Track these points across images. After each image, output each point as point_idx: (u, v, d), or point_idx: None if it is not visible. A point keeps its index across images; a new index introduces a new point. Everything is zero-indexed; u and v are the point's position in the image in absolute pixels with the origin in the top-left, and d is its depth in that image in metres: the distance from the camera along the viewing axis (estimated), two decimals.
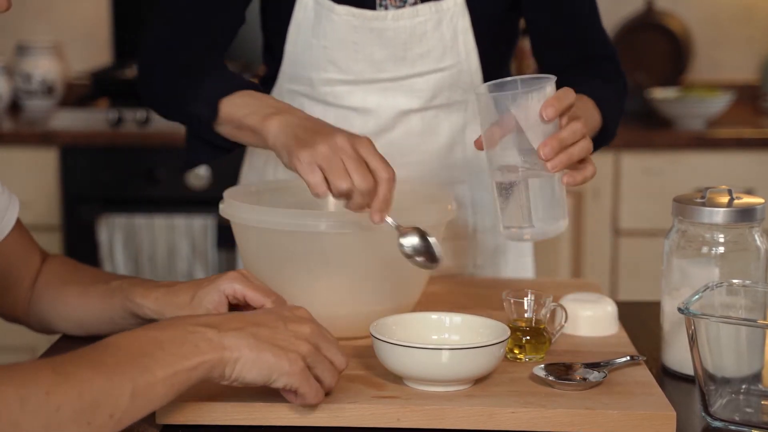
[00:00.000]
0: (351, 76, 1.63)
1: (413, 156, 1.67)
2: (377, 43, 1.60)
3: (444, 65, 1.63)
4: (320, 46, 1.61)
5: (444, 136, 1.68)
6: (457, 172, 1.71)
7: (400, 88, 1.64)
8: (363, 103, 1.65)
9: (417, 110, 1.65)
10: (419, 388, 1.17)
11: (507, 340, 1.19)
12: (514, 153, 1.24)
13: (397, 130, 1.66)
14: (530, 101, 1.21)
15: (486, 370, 1.18)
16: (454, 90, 1.65)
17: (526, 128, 1.22)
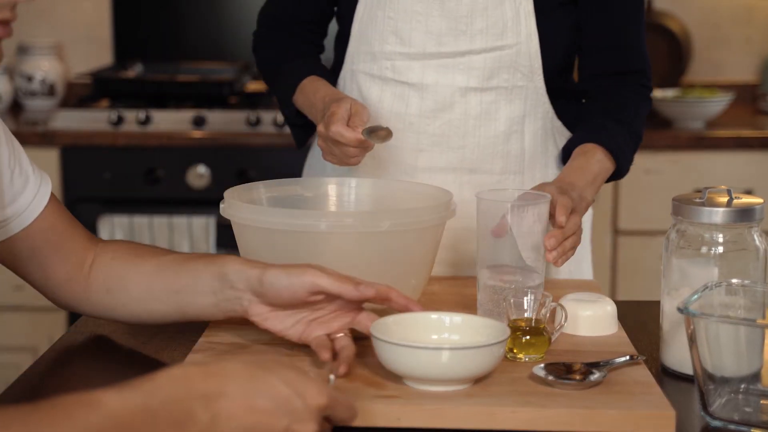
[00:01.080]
0: (412, 48, 1.68)
1: (470, 139, 1.70)
2: (439, 14, 1.66)
3: (503, 43, 1.67)
4: (386, 17, 1.69)
5: (502, 122, 1.71)
6: (512, 163, 1.73)
7: (458, 66, 1.68)
8: (421, 79, 1.69)
9: (475, 90, 1.68)
10: (419, 388, 1.17)
11: (507, 339, 1.19)
12: (504, 255, 1.37)
13: (455, 111, 1.70)
14: (525, 213, 1.36)
15: (486, 369, 1.18)
16: (513, 73, 1.68)
17: (518, 236, 1.35)
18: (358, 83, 1.74)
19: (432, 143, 1.71)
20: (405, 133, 1.71)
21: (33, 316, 2.86)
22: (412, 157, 1.72)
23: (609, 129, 1.67)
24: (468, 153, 1.71)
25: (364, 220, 1.30)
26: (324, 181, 1.55)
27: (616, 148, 1.66)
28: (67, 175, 2.91)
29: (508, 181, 1.73)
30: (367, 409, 1.12)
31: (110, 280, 1.35)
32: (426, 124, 1.70)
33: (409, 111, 1.70)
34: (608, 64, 1.73)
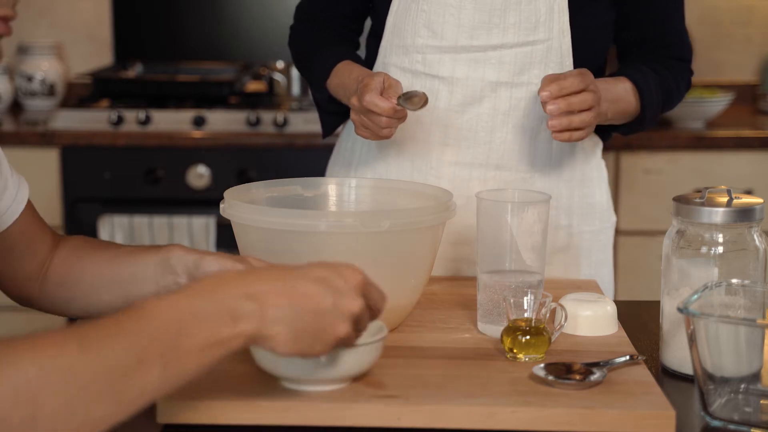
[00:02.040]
0: (445, 41, 1.68)
1: (497, 134, 1.70)
2: (473, 6, 1.67)
3: (535, 38, 1.67)
4: (419, 10, 1.69)
5: (532, 119, 1.70)
6: (539, 162, 1.73)
7: (490, 60, 1.68)
8: (452, 72, 1.69)
9: (505, 85, 1.68)
10: (297, 388, 1.16)
11: (384, 338, 1.18)
12: (504, 256, 1.37)
13: (484, 105, 1.70)
14: (525, 213, 1.35)
15: (364, 368, 1.17)
16: (544, 69, 1.68)
17: (518, 236, 1.35)
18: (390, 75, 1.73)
19: (459, 137, 1.71)
20: (432, 127, 1.71)
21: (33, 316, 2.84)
22: (438, 150, 1.72)
23: (644, 72, 1.68)
24: (495, 148, 1.70)
25: (364, 220, 1.30)
26: (324, 181, 1.55)
27: (645, 88, 1.66)
28: (67, 175, 2.91)
29: (534, 180, 1.72)
30: (367, 409, 1.12)
31: (64, 273, 1.37)
32: (454, 118, 1.70)
33: (438, 104, 1.70)
34: (653, 56, 1.73)
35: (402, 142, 1.73)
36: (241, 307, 0.98)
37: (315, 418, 1.12)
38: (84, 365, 0.88)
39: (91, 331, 0.91)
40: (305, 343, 1.02)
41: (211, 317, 0.96)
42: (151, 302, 0.96)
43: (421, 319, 1.43)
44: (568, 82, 1.51)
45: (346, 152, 1.84)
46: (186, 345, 0.94)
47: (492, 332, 1.36)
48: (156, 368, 0.92)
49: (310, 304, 1.02)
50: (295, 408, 1.12)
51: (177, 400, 1.12)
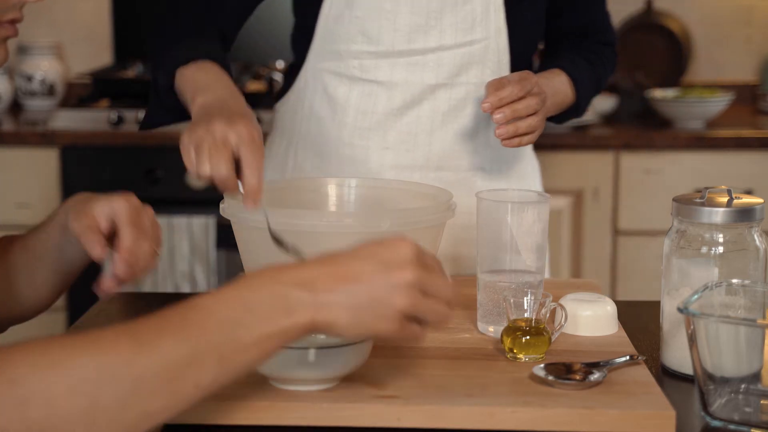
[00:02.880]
0: (381, 47, 1.66)
1: (438, 134, 1.70)
2: (409, 11, 1.65)
3: (473, 38, 1.67)
4: (353, 17, 1.66)
5: (470, 119, 1.71)
6: (478, 160, 1.73)
7: (428, 63, 1.67)
8: (390, 77, 1.68)
9: (444, 87, 1.68)
10: (286, 388, 1.16)
11: None
12: (504, 255, 1.36)
13: (423, 106, 1.69)
14: (525, 213, 1.35)
15: (353, 367, 1.17)
16: (481, 69, 1.68)
17: (518, 236, 1.35)
18: (324, 82, 1.71)
19: (399, 141, 1.70)
20: (371, 132, 1.70)
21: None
22: (378, 155, 1.70)
23: (577, 63, 1.73)
24: (435, 150, 1.70)
25: (364, 220, 1.30)
26: (324, 181, 1.55)
27: (579, 79, 1.71)
28: (67, 175, 2.91)
29: (475, 179, 1.73)
30: (367, 409, 1.12)
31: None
32: (393, 122, 1.69)
33: (376, 109, 1.69)
34: (582, 44, 1.78)
35: (340, 149, 1.71)
36: (294, 296, 0.97)
37: (315, 418, 1.12)
38: (138, 361, 0.89)
39: (143, 327, 0.92)
40: (368, 322, 0.99)
41: (264, 309, 0.95)
42: (203, 298, 0.96)
43: None
44: (506, 91, 1.52)
45: (278, 157, 1.79)
46: (241, 339, 0.94)
47: (492, 332, 1.36)
48: (211, 363, 0.92)
49: (361, 281, 0.99)
50: (295, 408, 1.12)
51: None
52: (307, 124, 1.74)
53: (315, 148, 1.74)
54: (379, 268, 0.99)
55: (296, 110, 1.76)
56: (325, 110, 1.72)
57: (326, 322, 0.98)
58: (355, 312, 0.98)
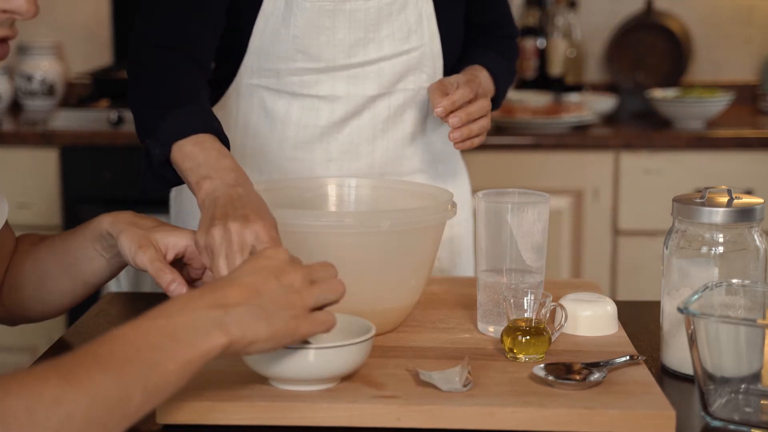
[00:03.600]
0: (321, 63, 1.65)
1: (379, 142, 1.72)
2: (347, 26, 1.64)
3: (409, 47, 1.68)
4: (290, 36, 1.63)
5: (409, 125, 1.73)
6: (418, 163, 1.76)
7: (368, 75, 1.68)
8: (331, 91, 1.68)
9: (383, 95, 1.70)
10: (285, 388, 1.16)
11: (372, 337, 1.18)
12: (504, 256, 1.36)
13: (364, 116, 1.70)
14: (525, 213, 1.36)
15: (353, 368, 1.17)
16: (418, 75, 1.70)
17: (518, 236, 1.35)
18: (261, 98, 1.69)
19: (342, 152, 1.71)
20: (314, 145, 1.70)
21: None
22: (322, 167, 1.71)
23: (493, 58, 1.76)
24: (377, 158, 1.72)
25: (364, 220, 1.30)
26: (324, 181, 1.55)
27: (497, 73, 1.75)
28: (67, 175, 2.91)
29: (416, 180, 1.74)
30: (367, 409, 1.12)
31: (14, 277, 1.37)
32: (335, 133, 1.70)
33: (318, 122, 1.69)
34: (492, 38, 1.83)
35: (283, 163, 1.70)
36: (208, 317, 1.01)
37: (314, 418, 1.12)
38: (67, 398, 0.90)
39: (70, 363, 0.93)
40: (283, 327, 1.05)
41: (183, 335, 0.99)
42: (123, 330, 0.98)
43: (421, 319, 1.42)
44: (458, 94, 1.57)
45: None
46: (164, 367, 0.97)
47: (492, 332, 1.36)
48: (137, 393, 0.94)
49: (261, 293, 1.05)
50: (294, 408, 1.12)
51: (177, 401, 1.12)
52: (243, 139, 1.71)
53: (254, 164, 1.71)
54: (271, 275, 1.07)
55: (228, 126, 1.70)
56: (263, 125, 1.70)
57: (245, 340, 1.03)
58: (267, 322, 1.04)
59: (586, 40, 3.36)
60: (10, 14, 1.12)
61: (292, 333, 1.06)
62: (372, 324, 1.21)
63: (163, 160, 1.38)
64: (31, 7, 1.10)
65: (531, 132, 2.93)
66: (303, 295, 1.08)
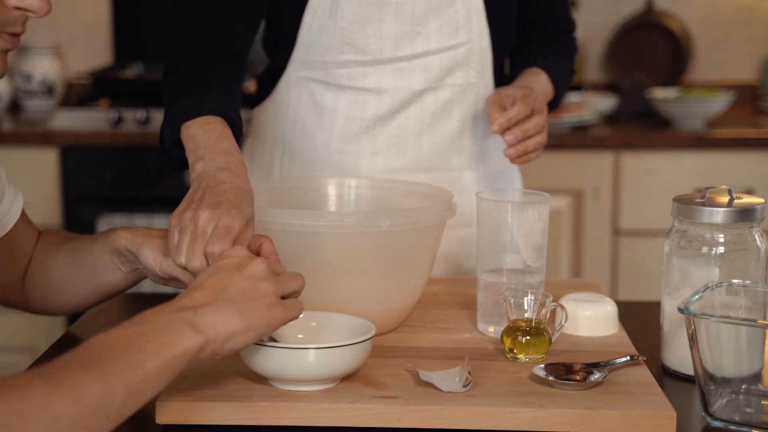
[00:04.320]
0: (368, 56, 1.66)
1: (426, 137, 1.71)
2: (395, 19, 1.65)
3: (457, 42, 1.68)
4: (337, 28, 1.64)
5: (457, 120, 1.72)
6: (465, 159, 1.75)
7: (416, 68, 1.68)
8: (378, 83, 1.68)
9: (431, 89, 1.69)
10: (286, 388, 1.16)
11: (372, 337, 1.18)
12: (504, 256, 1.36)
13: (411, 110, 1.70)
14: (525, 213, 1.35)
15: (353, 368, 1.17)
16: (466, 70, 1.70)
17: (518, 236, 1.35)
18: (310, 90, 1.70)
19: (388, 145, 1.70)
20: (360, 137, 1.70)
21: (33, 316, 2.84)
22: (368, 160, 1.71)
23: (552, 60, 1.76)
24: (424, 152, 1.71)
25: (364, 220, 1.29)
26: (324, 181, 1.55)
27: (556, 76, 1.75)
28: (67, 175, 2.91)
29: (464, 177, 1.74)
30: (367, 409, 1.12)
31: (35, 275, 1.40)
32: (382, 127, 1.70)
33: (365, 115, 1.69)
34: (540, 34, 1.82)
35: (329, 156, 1.71)
36: (181, 318, 1.03)
37: (315, 418, 1.12)
38: (53, 402, 0.90)
39: (53, 368, 0.94)
40: (257, 318, 1.07)
41: (160, 337, 1.00)
42: (99, 337, 0.99)
43: (421, 319, 1.42)
44: (514, 111, 1.57)
45: (262, 163, 1.77)
46: (144, 367, 0.97)
47: (492, 332, 1.36)
48: (119, 394, 0.95)
49: (228, 287, 1.07)
50: (294, 408, 1.12)
51: (176, 401, 1.12)
52: (292, 132, 1.73)
53: (302, 156, 1.73)
54: (233, 270, 1.09)
55: (279, 117, 1.74)
56: (311, 117, 1.71)
57: (220, 336, 1.04)
58: (239, 313, 1.06)
59: (586, 40, 3.36)
60: (23, 11, 1.14)
61: (267, 321, 1.07)
62: (372, 324, 1.20)
63: (173, 140, 1.40)
64: (44, 5, 1.13)
65: None
66: (271, 282, 1.09)
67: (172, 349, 1.00)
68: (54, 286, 1.39)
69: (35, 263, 1.40)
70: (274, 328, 1.09)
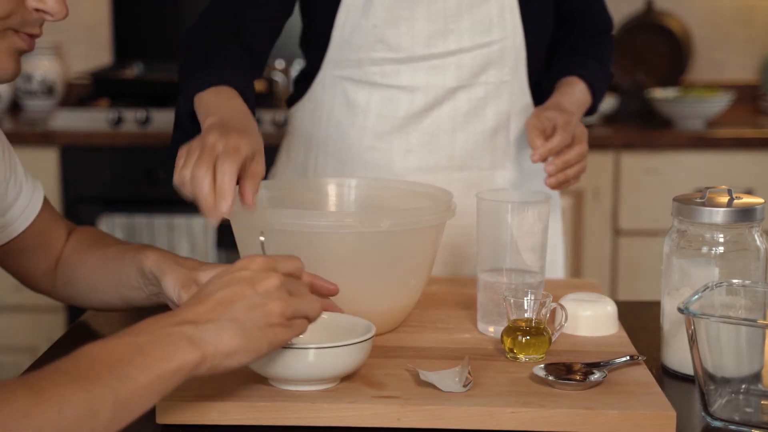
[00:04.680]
0: (401, 53, 1.67)
1: (459, 135, 1.71)
2: (426, 17, 1.65)
3: (491, 39, 1.68)
4: (370, 26, 1.66)
5: (490, 118, 1.72)
6: (499, 158, 1.75)
7: (449, 66, 1.68)
8: (411, 81, 1.69)
9: (464, 87, 1.69)
10: (286, 389, 1.15)
11: (372, 337, 1.18)
12: (504, 256, 1.36)
13: (444, 108, 1.70)
14: (525, 213, 1.35)
15: (353, 367, 1.17)
16: (500, 68, 1.70)
17: (518, 236, 1.35)
18: (344, 89, 1.71)
19: (421, 143, 1.71)
20: (393, 135, 1.71)
21: (33, 316, 2.85)
22: (401, 158, 1.71)
23: (589, 66, 1.74)
24: (457, 150, 1.71)
25: (364, 220, 1.29)
26: (324, 181, 1.55)
27: (595, 84, 1.73)
28: (67, 175, 2.91)
29: (497, 176, 1.74)
30: (367, 409, 1.12)
31: (66, 272, 1.41)
32: (415, 124, 1.70)
33: (398, 113, 1.70)
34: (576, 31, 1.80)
35: (362, 153, 1.72)
36: (179, 332, 0.99)
37: (315, 418, 1.12)
38: (36, 412, 0.88)
39: (38, 377, 0.92)
40: (259, 336, 1.03)
41: (154, 350, 0.97)
42: (89, 347, 0.96)
43: (421, 319, 1.42)
44: (556, 141, 1.56)
45: (297, 162, 1.79)
46: (135, 380, 0.95)
47: (492, 332, 1.36)
48: (107, 408, 0.92)
49: (234, 301, 1.04)
50: (294, 408, 1.12)
51: (176, 401, 1.12)
52: (326, 130, 1.75)
53: (336, 154, 1.74)
54: (246, 285, 1.05)
55: (314, 116, 1.76)
56: (345, 116, 1.72)
57: (218, 354, 1.01)
58: (242, 332, 1.02)
59: None
60: (41, 14, 1.15)
61: (270, 343, 1.05)
62: (372, 324, 1.20)
63: (187, 113, 1.45)
64: (62, 8, 1.15)
65: None
66: (281, 302, 1.05)
67: (167, 364, 0.97)
68: (82, 287, 1.39)
69: (67, 260, 1.41)
70: (275, 348, 1.07)
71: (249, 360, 1.04)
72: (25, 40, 1.16)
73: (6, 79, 1.16)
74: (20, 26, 1.15)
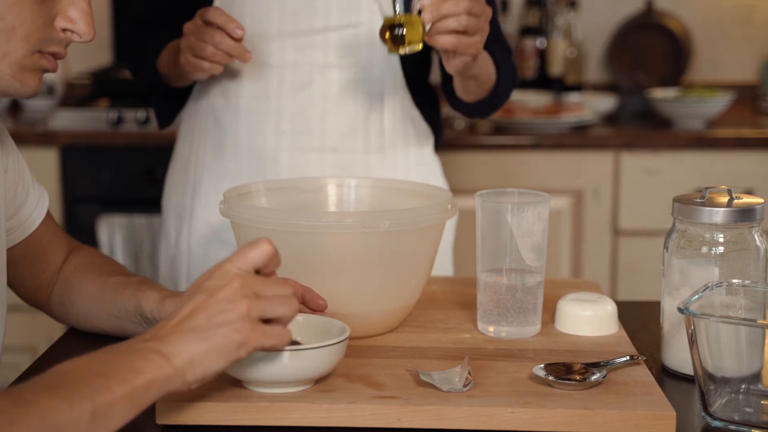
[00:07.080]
0: (269, 28, 1.69)
1: (330, 117, 1.72)
2: None
3: (359, 20, 1.68)
4: (243, 2, 1.69)
5: (362, 99, 1.72)
6: (373, 142, 1.75)
7: (316, 44, 1.69)
8: (280, 58, 1.70)
9: (334, 67, 1.70)
10: (261, 391, 1.15)
11: (347, 338, 1.17)
12: (504, 256, 1.36)
13: (314, 88, 1.71)
14: (525, 213, 1.35)
15: (327, 369, 1.16)
16: (371, 51, 1.69)
17: (518, 236, 1.35)
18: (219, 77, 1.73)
19: (294, 123, 1.72)
20: (266, 115, 1.72)
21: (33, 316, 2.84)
22: (274, 138, 1.72)
23: (496, 53, 1.69)
24: (329, 132, 1.72)
25: (364, 220, 1.29)
26: (324, 181, 1.55)
27: (500, 60, 1.69)
28: (67, 175, 2.91)
29: (371, 160, 1.74)
30: (367, 409, 1.12)
31: (63, 294, 1.40)
32: (286, 104, 1.71)
33: (269, 92, 1.71)
34: None
35: (236, 134, 1.73)
36: (147, 348, 1.01)
37: (314, 418, 1.12)
38: (18, 421, 0.89)
39: (20, 388, 0.93)
40: (225, 343, 1.03)
41: (127, 364, 0.99)
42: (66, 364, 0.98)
43: (421, 319, 1.42)
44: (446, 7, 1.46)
45: (182, 159, 1.83)
46: (113, 390, 0.96)
47: (492, 332, 1.36)
48: (85, 418, 0.93)
49: (196, 312, 1.05)
50: (294, 408, 1.12)
51: (176, 401, 1.12)
52: (205, 120, 1.78)
53: (214, 141, 1.77)
54: (207, 293, 1.05)
55: (196, 109, 1.79)
56: (219, 100, 1.75)
57: (187, 363, 1.02)
58: (206, 340, 1.03)
59: (586, 40, 3.36)
60: (69, 34, 1.15)
61: (237, 344, 1.04)
62: (347, 326, 1.20)
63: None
64: (90, 30, 1.15)
65: (531, 132, 2.93)
66: (244, 304, 1.05)
67: (141, 376, 0.98)
68: (79, 311, 1.38)
69: (66, 282, 1.39)
70: (248, 351, 1.06)
71: (222, 364, 1.04)
72: (50, 61, 1.15)
73: (27, 95, 1.16)
74: (46, 46, 1.14)
